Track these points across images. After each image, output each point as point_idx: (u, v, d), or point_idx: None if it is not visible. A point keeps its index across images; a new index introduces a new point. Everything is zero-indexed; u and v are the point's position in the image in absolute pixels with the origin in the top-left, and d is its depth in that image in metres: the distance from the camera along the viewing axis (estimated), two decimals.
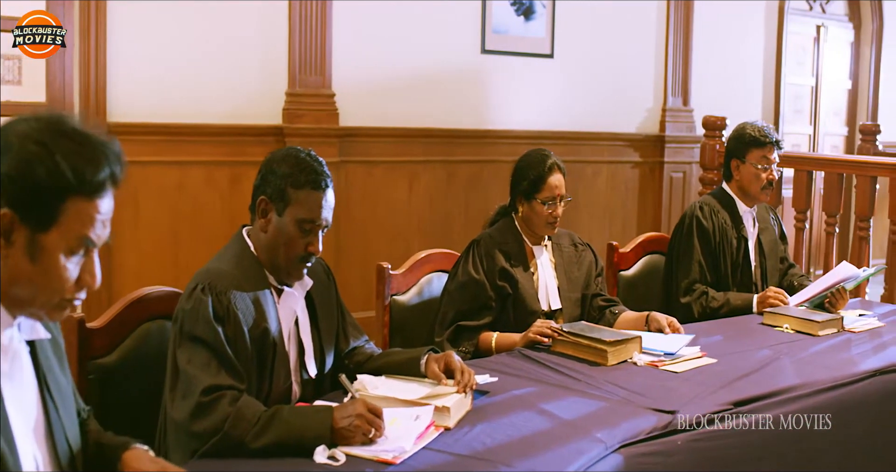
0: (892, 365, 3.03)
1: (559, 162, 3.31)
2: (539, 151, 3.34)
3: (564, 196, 3.29)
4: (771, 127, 3.91)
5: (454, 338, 3.19)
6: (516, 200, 3.34)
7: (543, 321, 3.05)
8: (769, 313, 3.48)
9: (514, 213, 3.36)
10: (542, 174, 3.25)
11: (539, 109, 6.77)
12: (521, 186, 3.30)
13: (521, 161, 3.35)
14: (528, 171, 3.29)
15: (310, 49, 5.82)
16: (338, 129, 5.92)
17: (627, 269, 4.05)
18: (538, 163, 3.28)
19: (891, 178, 4.34)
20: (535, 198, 3.25)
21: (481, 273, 3.22)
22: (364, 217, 6.11)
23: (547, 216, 3.25)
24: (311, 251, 2.38)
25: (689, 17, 7.42)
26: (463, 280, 3.23)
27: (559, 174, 3.28)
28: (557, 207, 3.26)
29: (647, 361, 2.87)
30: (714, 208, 3.87)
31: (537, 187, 3.25)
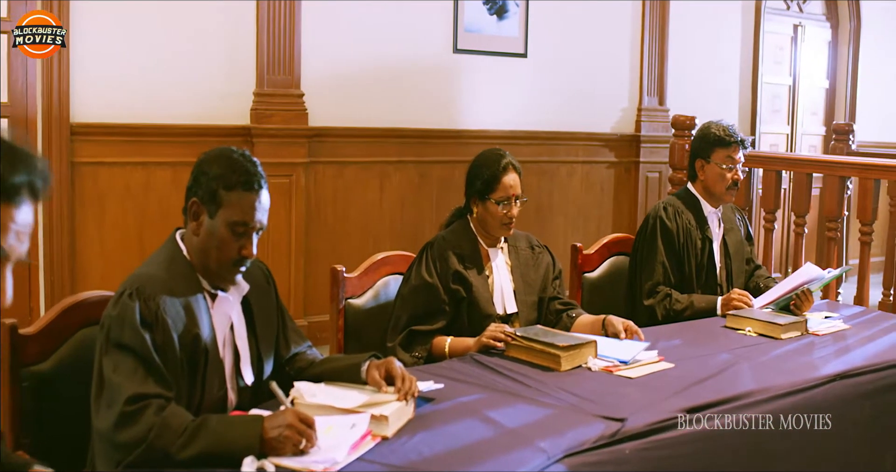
0: (853, 369, 2.96)
1: (514, 162, 3.24)
2: (493, 151, 3.27)
3: (520, 196, 3.21)
4: (735, 126, 3.84)
5: (407, 343, 3.11)
6: (471, 202, 3.26)
7: (497, 325, 2.98)
8: (732, 316, 3.41)
9: (470, 214, 3.29)
10: (496, 174, 3.17)
11: (512, 109, 6.70)
12: (475, 187, 3.23)
13: (475, 161, 3.28)
14: (481, 170, 3.22)
15: (278, 48, 5.74)
16: (307, 129, 5.85)
17: (592, 271, 3.98)
18: (492, 162, 3.20)
19: (859, 178, 4.28)
20: (490, 198, 3.18)
21: (434, 277, 3.14)
22: (334, 219, 6.04)
23: (502, 217, 3.18)
24: (245, 255, 2.30)
25: (664, 16, 7.36)
26: (416, 284, 3.15)
27: (514, 174, 3.20)
28: (512, 208, 3.18)
29: (601, 366, 2.80)
30: (678, 209, 3.81)
31: (491, 187, 3.18)
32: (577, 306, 3.33)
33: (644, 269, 3.76)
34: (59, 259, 5.19)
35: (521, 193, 3.23)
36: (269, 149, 5.72)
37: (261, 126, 5.68)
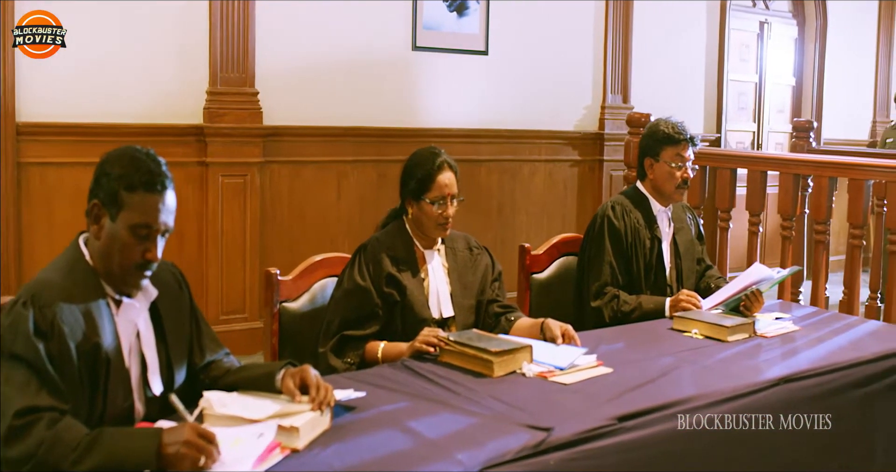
0: (799, 373, 2.87)
1: (450, 160, 3.14)
2: (428, 149, 3.17)
3: (456, 195, 3.11)
4: (685, 123, 3.75)
5: (339, 349, 3.00)
6: (405, 202, 3.16)
7: (431, 330, 2.87)
8: (678, 318, 3.32)
9: (405, 215, 3.19)
10: (431, 173, 3.08)
11: (473, 107, 6.61)
12: (409, 187, 3.13)
13: (409, 160, 3.17)
14: (415, 170, 3.12)
15: (232, 45, 5.62)
16: (262, 128, 5.73)
17: (541, 272, 3.88)
18: (426, 161, 3.10)
19: (814, 175, 4.20)
20: (424, 198, 3.08)
21: (367, 280, 3.04)
22: (290, 220, 5.93)
23: (437, 217, 3.08)
24: (149, 258, 2.19)
25: (628, 13, 7.28)
26: (348, 287, 3.04)
27: (449, 172, 3.10)
28: (448, 208, 3.08)
29: (536, 372, 2.70)
30: (626, 208, 3.71)
31: (426, 187, 3.08)
32: (517, 309, 3.23)
33: (591, 269, 3.67)
34: (6, 261, 5.06)
35: (458, 192, 3.13)
36: (222, 148, 5.61)
37: (214, 125, 5.57)
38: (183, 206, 5.50)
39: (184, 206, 5.53)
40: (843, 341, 3.26)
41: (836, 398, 2.96)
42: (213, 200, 5.61)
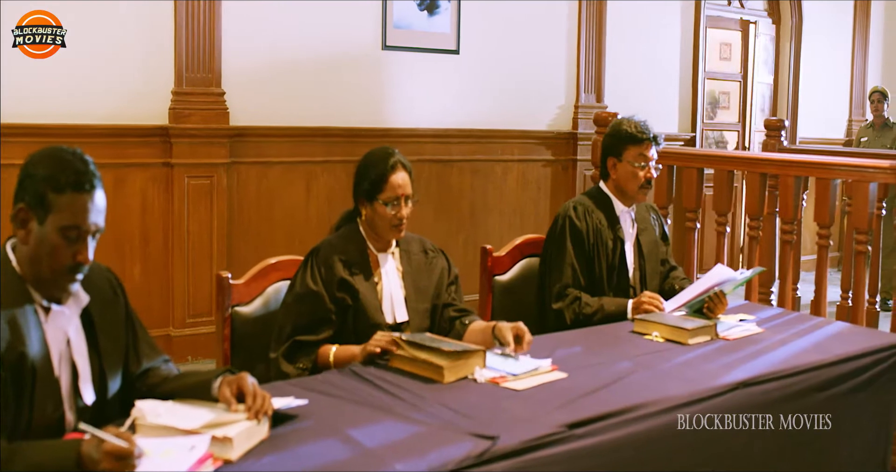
0: (759, 376, 2.81)
1: (403, 160, 3.06)
2: (381, 150, 3.09)
3: (410, 196, 3.04)
4: (648, 122, 3.69)
5: (291, 354, 2.93)
6: (359, 203, 3.09)
7: (384, 334, 2.80)
8: (639, 321, 3.26)
9: (359, 217, 3.12)
10: (384, 173, 3.00)
11: (444, 107, 6.54)
12: (362, 188, 3.05)
13: (362, 161, 3.10)
14: (368, 170, 3.04)
15: (197, 45, 5.55)
16: (228, 128, 5.66)
17: (503, 273, 3.81)
18: (379, 161, 3.03)
19: (780, 174, 4.14)
20: (377, 199, 3.00)
21: (319, 284, 2.96)
22: (258, 221, 5.85)
23: (391, 218, 3.00)
24: (80, 261, 2.11)
25: (602, 12, 7.24)
26: (300, 292, 2.97)
27: (403, 173, 3.03)
28: (402, 208, 3.00)
29: (488, 377, 2.63)
30: (588, 208, 3.65)
31: (379, 187, 3.00)
32: (473, 313, 3.15)
33: (552, 271, 3.60)
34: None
35: (413, 193, 3.06)
36: (188, 149, 5.53)
37: (179, 126, 5.49)
38: (148, 208, 5.49)
39: (149, 207, 5.48)
40: (807, 344, 3.20)
41: (798, 401, 2.90)
42: (179, 201, 5.53)
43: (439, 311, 3.12)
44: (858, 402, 3.15)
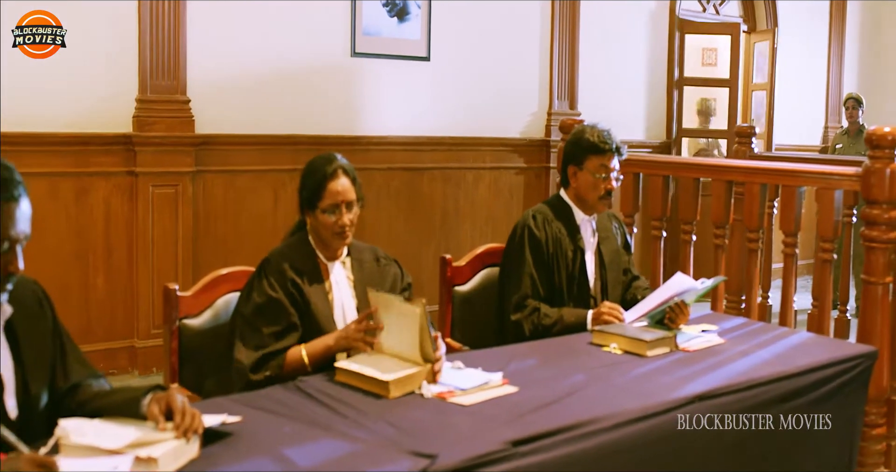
0: (716, 389, 2.74)
1: (345, 165, 2.99)
2: (321, 157, 3.03)
3: (352, 202, 2.97)
4: (611, 131, 3.62)
5: (260, 366, 2.83)
6: (303, 213, 3.02)
7: (358, 327, 2.76)
8: (598, 332, 3.19)
9: (307, 226, 3.05)
10: (322, 181, 2.93)
11: (415, 114, 6.48)
12: (303, 197, 2.99)
13: (303, 170, 3.03)
14: (307, 179, 2.98)
15: (162, 51, 5.46)
16: (193, 137, 5.57)
17: (463, 284, 3.74)
18: (318, 169, 2.97)
19: (746, 182, 4.08)
20: (318, 207, 2.94)
21: (279, 291, 2.89)
22: (225, 230, 5.77)
23: (332, 226, 2.93)
24: (12, 271, 2.02)
25: (575, 19, 7.18)
26: (261, 302, 2.88)
27: (344, 178, 2.96)
28: (343, 215, 2.93)
29: (435, 392, 2.55)
30: (548, 218, 3.57)
31: (318, 195, 2.93)
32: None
33: (511, 281, 3.52)
34: None
35: (357, 198, 2.99)
36: (152, 158, 5.45)
37: (143, 134, 5.41)
38: (112, 217, 5.40)
39: (113, 217, 5.39)
40: (768, 355, 3.13)
41: (756, 415, 2.83)
42: (143, 210, 5.44)
43: None
44: (821, 416, 3.09)
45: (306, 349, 2.85)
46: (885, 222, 3.56)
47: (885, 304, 3.63)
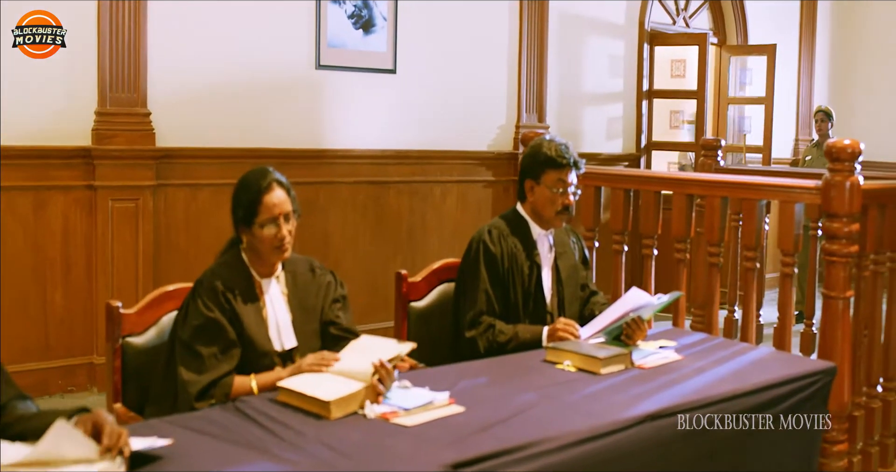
0: (669, 408, 2.67)
1: (279, 178, 2.93)
2: (254, 171, 2.95)
3: (290, 214, 2.90)
4: (570, 145, 3.57)
5: (203, 392, 2.75)
6: (238, 231, 2.95)
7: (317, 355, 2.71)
8: (551, 349, 3.12)
9: (240, 244, 2.97)
10: (257, 196, 2.86)
11: (381, 128, 6.42)
12: (238, 215, 2.91)
13: (236, 186, 2.96)
14: (241, 196, 2.91)
15: (122, 63, 5.39)
16: (154, 150, 5.49)
17: (419, 300, 3.67)
18: (251, 184, 2.90)
19: (707, 195, 4.04)
20: (255, 223, 2.86)
21: (216, 311, 2.81)
22: (187, 245, 5.68)
23: (272, 240, 2.87)
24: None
25: (543, 31, 7.15)
26: (198, 323, 2.80)
27: (279, 190, 2.89)
28: (282, 228, 2.87)
29: (378, 412, 2.48)
30: (504, 233, 3.51)
31: (254, 211, 2.86)
32: (356, 332, 3.00)
33: (466, 298, 3.45)
34: None
35: (293, 210, 2.92)
36: (112, 171, 5.37)
37: (103, 147, 5.33)
38: (70, 232, 5.31)
39: (71, 232, 5.30)
40: (725, 372, 3.07)
41: (710, 435, 2.77)
42: (103, 225, 5.36)
43: (324, 330, 3.00)
44: (779, 433, 3.03)
45: (257, 381, 2.77)
46: (846, 236, 3.52)
47: (846, 319, 3.59)
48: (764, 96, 8.59)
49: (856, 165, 3.52)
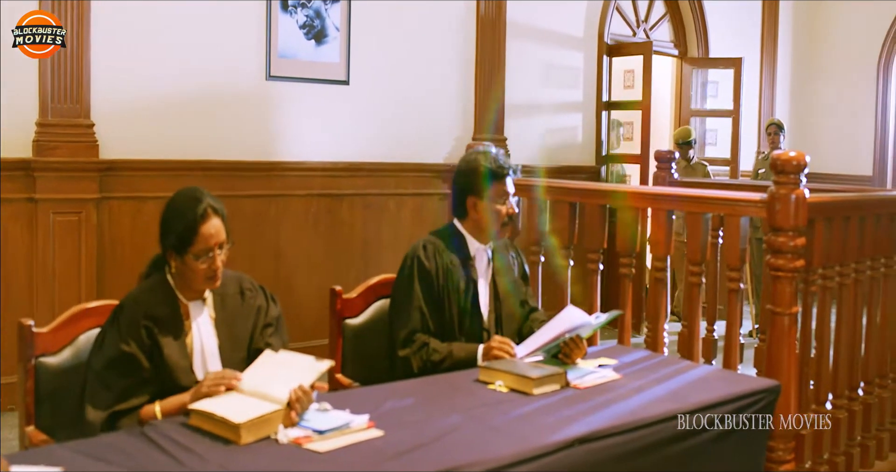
0: (601, 431, 2.57)
1: (214, 203, 2.77)
2: (187, 194, 2.78)
3: (224, 243, 2.77)
4: (502, 152, 3.48)
5: (110, 424, 2.62)
6: (167, 255, 2.80)
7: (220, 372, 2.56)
8: (484, 368, 3.01)
9: (168, 267, 2.84)
10: (193, 225, 2.70)
11: (334, 140, 6.31)
12: (169, 241, 2.76)
13: (166, 209, 2.80)
14: (174, 222, 2.74)
15: (64, 73, 5.26)
16: (98, 162, 5.37)
17: (355, 316, 3.56)
18: (186, 211, 2.73)
19: (653, 208, 3.94)
20: (188, 252, 2.72)
21: (132, 344, 2.67)
22: (133, 260, 5.51)
23: (205, 271, 2.73)
24: None
25: (500, 41, 7.09)
26: (112, 355, 2.66)
27: (215, 219, 2.74)
28: (216, 259, 2.73)
29: (292, 437, 2.36)
30: (439, 248, 3.39)
31: (188, 241, 2.71)
32: None
33: (400, 315, 3.34)
34: None
35: (227, 237, 2.79)
36: (54, 184, 5.24)
37: (44, 159, 5.20)
38: (10, 246, 5.16)
39: (11, 246, 5.15)
40: (663, 391, 2.97)
41: (646, 457, 2.68)
42: (44, 239, 5.22)
43: (252, 357, 2.85)
44: (720, 454, 2.94)
45: (161, 407, 2.65)
46: (791, 251, 3.43)
47: (792, 335, 3.50)
48: (731, 109, 8.54)
49: (801, 178, 3.43)
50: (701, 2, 8.87)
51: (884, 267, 4.22)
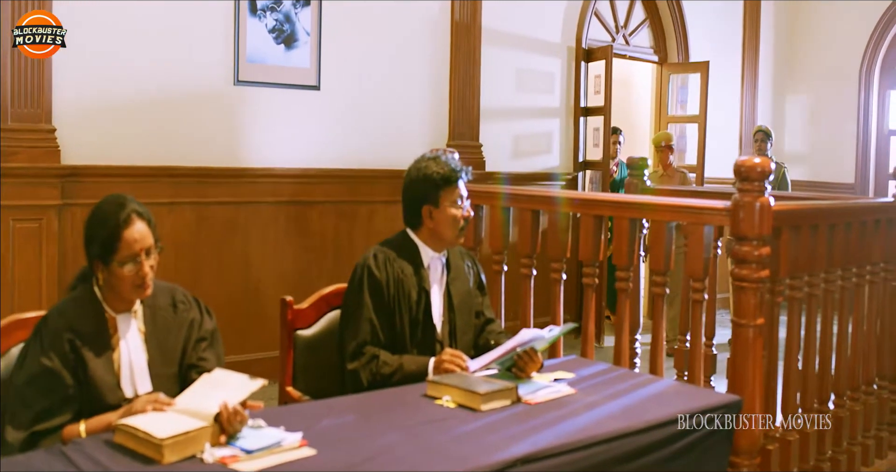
0: (545, 450, 2.45)
1: (139, 208, 2.67)
2: (110, 201, 2.67)
3: (152, 247, 2.66)
4: (453, 155, 3.38)
5: (31, 444, 2.50)
6: (93, 267, 2.69)
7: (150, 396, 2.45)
8: (432, 383, 2.90)
9: (95, 279, 2.72)
10: (115, 231, 2.60)
11: (304, 146, 6.20)
12: (93, 251, 2.65)
13: (90, 216, 2.69)
14: (97, 230, 2.63)
15: (25, 77, 5.15)
16: (60, 168, 5.25)
17: (307, 328, 3.45)
18: (108, 217, 2.62)
19: (616, 216, 3.84)
20: (113, 260, 2.61)
21: (55, 360, 2.55)
22: None
23: (133, 278, 2.62)
24: None
25: (476, 47, 7.00)
26: (34, 372, 2.55)
27: (140, 223, 2.64)
28: (143, 265, 2.62)
29: (218, 456, 2.25)
30: (390, 257, 3.28)
31: (112, 248, 2.60)
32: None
33: (350, 327, 3.22)
34: None
35: (155, 241, 2.68)
36: (14, 190, 5.11)
37: (3, 165, 5.08)
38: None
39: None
40: (617, 408, 2.86)
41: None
42: (4, 246, 5.11)
43: (186, 372, 2.74)
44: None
45: (86, 426, 2.53)
46: (756, 260, 3.33)
47: (757, 348, 3.39)
48: (697, 114, 8.44)
49: (766, 185, 3.33)
50: (681, 8, 8.79)
51: (855, 277, 4.12)
